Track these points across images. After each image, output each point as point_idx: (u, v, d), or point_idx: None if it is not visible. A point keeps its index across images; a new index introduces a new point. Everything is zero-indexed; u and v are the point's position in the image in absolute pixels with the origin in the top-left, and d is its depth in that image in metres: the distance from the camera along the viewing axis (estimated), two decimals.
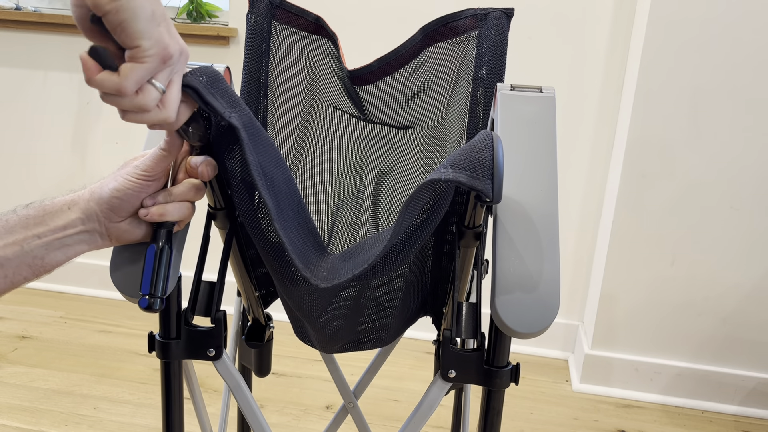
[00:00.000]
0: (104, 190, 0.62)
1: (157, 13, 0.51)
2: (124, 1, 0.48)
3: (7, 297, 1.89)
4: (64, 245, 0.61)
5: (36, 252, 0.60)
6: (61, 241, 0.61)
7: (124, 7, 0.49)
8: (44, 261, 0.61)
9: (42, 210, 0.61)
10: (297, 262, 0.65)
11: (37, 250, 0.60)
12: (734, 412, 1.86)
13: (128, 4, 0.49)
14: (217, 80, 0.59)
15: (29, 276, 0.61)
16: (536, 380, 1.96)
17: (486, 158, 0.56)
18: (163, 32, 0.52)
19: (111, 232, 0.64)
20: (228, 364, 0.75)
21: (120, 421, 1.63)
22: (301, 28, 1.01)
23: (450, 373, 0.69)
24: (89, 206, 0.62)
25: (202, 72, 0.58)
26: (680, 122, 1.73)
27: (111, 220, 0.63)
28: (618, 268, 1.85)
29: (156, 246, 0.62)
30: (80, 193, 0.63)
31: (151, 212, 0.63)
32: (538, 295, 0.62)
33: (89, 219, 0.62)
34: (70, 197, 0.63)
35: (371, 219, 1.02)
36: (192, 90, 0.57)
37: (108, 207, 0.62)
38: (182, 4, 2.16)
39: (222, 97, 0.59)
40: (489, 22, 0.94)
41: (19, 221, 0.60)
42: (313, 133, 1.04)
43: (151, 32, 0.51)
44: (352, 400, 1.14)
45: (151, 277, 0.61)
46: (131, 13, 0.49)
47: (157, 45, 0.51)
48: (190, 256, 0.71)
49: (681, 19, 1.66)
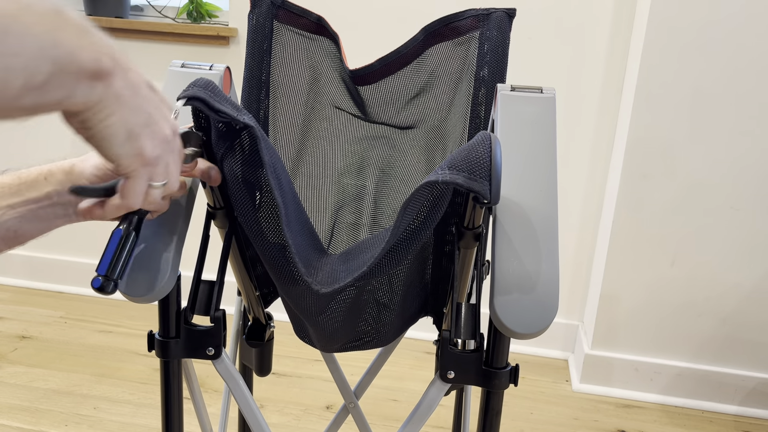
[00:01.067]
0: (86, 167, 0.60)
1: (135, 128, 0.48)
2: (95, 131, 0.47)
3: (7, 297, 1.88)
4: (37, 217, 0.59)
5: (9, 224, 0.58)
6: (34, 213, 0.59)
7: (96, 137, 0.47)
8: (17, 233, 0.59)
9: (18, 179, 0.59)
10: (300, 266, 0.65)
11: (11, 221, 0.58)
12: (734, 412, 1.86)
13: (100, 134, 0.47)
14: (215, 88, 0.59)
15: (1, 247, 0.59)
16: (536, 380, 1.96)
17: (484, 159, 0.56)
18: (143, 144, 0.49)
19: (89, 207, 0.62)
20: (227, 363, 0.75)
21: (120, 421, 1.63)
22: (303, 28, 1.01)
23: (449, 374, 0.69)
24: (68, 179, 0.60)
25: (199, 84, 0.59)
26: (680, 122, 1.72)
27: None
28: (618, 268, 1.85)
29: (123, 230, 0.59)
30: (59, 164, 0.60)
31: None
32: (536, 295, 0.62)
33: (65, 193, 0.60)
34: (47, 168, 0.60)
35: (372, 219, 1.02)
36: (200, 102, 0.57)
37: (87, 183, 0.60)
38: (182, 4, 2.16)
39: (226, 103, 0.59)
40: (491, 22, 0.94)
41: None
42: (315, 133, 1.04)
43: (127, 152, 0.49)
44: (353, 400, 1.14)
45: (111, 259, 0.58)
46: (105, 141, 0.47)
47: (136, 159, 0.50)
48: (189, 256, 0.71)
49: (681, 20, 1.66)
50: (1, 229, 0.58)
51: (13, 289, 2.34)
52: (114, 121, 0.47)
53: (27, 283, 2.37)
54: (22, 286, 2.37)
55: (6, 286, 2.36)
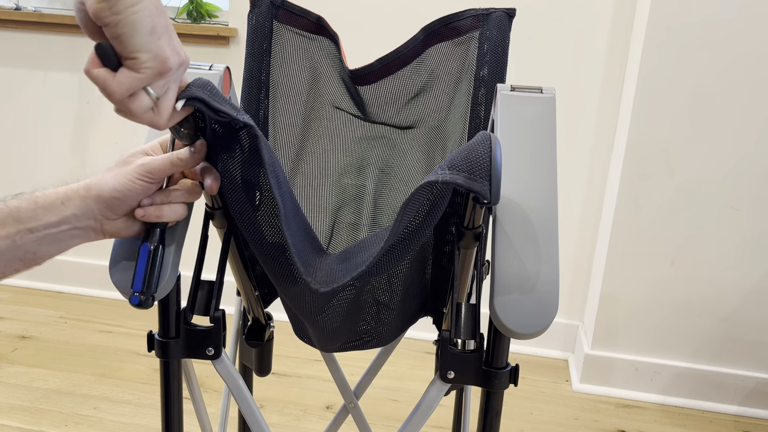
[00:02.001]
0: (104, 189, 0.61)
1: (158, 26, 0.51)
2: (123, 16, 0.48)
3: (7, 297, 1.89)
4: (57, 240, 0.61)
5: (28, 247, 0.59)
6: (54, 236, 0.60)
7: (123, 22, 0.48)
8: (36, 255, 0.60)
9: (34, 203, 0.60)
10: (299, 265, 0.65)
11: (30, 244, 0.59)
12: (734, 412, 1.86)
13: (127, 19, 0.48)
14: (213, 88, 0.59)
15: (20, 268, 0.60)
16: (536, 380, 1.96)
17: (483, 160, 0.56)
18: (163, 45, 0.52)
19: (106, 228, 0.63)
20: (227, 363, 0.75)
21: (120, 421, 1.63)
22: (303, 29, 1.01)
23: (449, 374, 0.68)
24: (85, 203, 0.61)
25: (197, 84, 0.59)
26: (680, 122, 1.72)
27: (107, 218, 0.63)
28: (618, 268, 1.85)
29: (150, 245, 0.63)
30: (74, 188, 0.62)
31: (147, 213, 0.63)
32: (536, 295, 0.62)
33: (84, 216, 0.61)
34: (63, 191, 0.61)
35: (372, 219, 1.02)
36: (199, 101, 0.57)
37: (106, 206, 0.62)
38: (182, 4, 2.16)
39: (225, 103, 0.59)
40: (490, 22, 0.94)
41: (10, 213, 0.59)
42: (315, 133, 1.04)
43: (149, 46, 0.50)
44: (353, 399, 1.14)
45: (144, 276, 0.61)
46: (130, 27, 0.49)
47: (155, 59, 0.51)
48: (189, 256, 0.71)
49: (681, 19, 1.66)
50: (20, 251, 0.59)
51: (13, 289, 2.34)
52: (141, 8, 0.49)
53: (27, 283, 2.37)
54: (22, 286, 2.37)
55: (6, 286, 2.36)
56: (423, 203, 0.61)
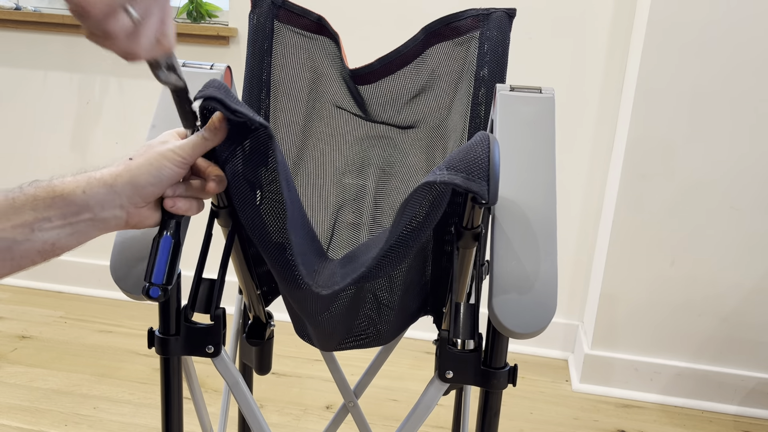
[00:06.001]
0: (138, 174, 0.58)
1: None
2: None
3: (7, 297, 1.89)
4: (77, 231, 0.57)
5: (47, 237, 0.55)
6: (74, 227, 0.57)
7: None
8: (54, 246, 0.56)
9: (51, 191, 0.56)
10: (301, 268, 0.65)
11: (48, 235, 0.55)
12: (734, 412, 1.86)
13: None
14: (228, 91, 0.59)
15: (37, 260, 0.57)
16: (536, 380, 1.96)
17: (482, 160, 0.56)
18: None
19: (131, 217, 0.60)
20: (227, 361, 0.75)
21: (120, 421, 1.63)
22: (303, 28, 1.01)
23: (447, 373, 0.69)
24: (112, 191, 0.58)
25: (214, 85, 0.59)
26: (680, 122, 1.73)
27: (136, 205, 0.60)
28: (618, 268, 1.85)
29: (170, 237, 0.61)
30: (97, 176, 0.58)
31: (177, 205, 0.61)
32: (535, 295, 0.62)
33: (109, 204, 0.58)
34: (84, 179, 0.57)
35: (373, 219, 1.03)
36: (217, 102, 0.57)
37: (138, 192, 0.59)
38: (182, 3, 2.16)
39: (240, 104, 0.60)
40: (491, 22, 0.94)
41: (27, 201, 0.55)
42: (315, 133, 1.04)
43: None
44: (353, 399, 1.14)
45: (165, 269, 0.60)
46: None
47: None
48: (189, 254, 0.71)
49: (681, 19, 1.67)
50: (38, 242, 0.55)
51: (13, 289, 2.34)
52: None
53: (27, 283, 2.37)
54: (22, 285, 2.37)
55: (6, 286, 2.36)
56: (422, 204, 0.61)
